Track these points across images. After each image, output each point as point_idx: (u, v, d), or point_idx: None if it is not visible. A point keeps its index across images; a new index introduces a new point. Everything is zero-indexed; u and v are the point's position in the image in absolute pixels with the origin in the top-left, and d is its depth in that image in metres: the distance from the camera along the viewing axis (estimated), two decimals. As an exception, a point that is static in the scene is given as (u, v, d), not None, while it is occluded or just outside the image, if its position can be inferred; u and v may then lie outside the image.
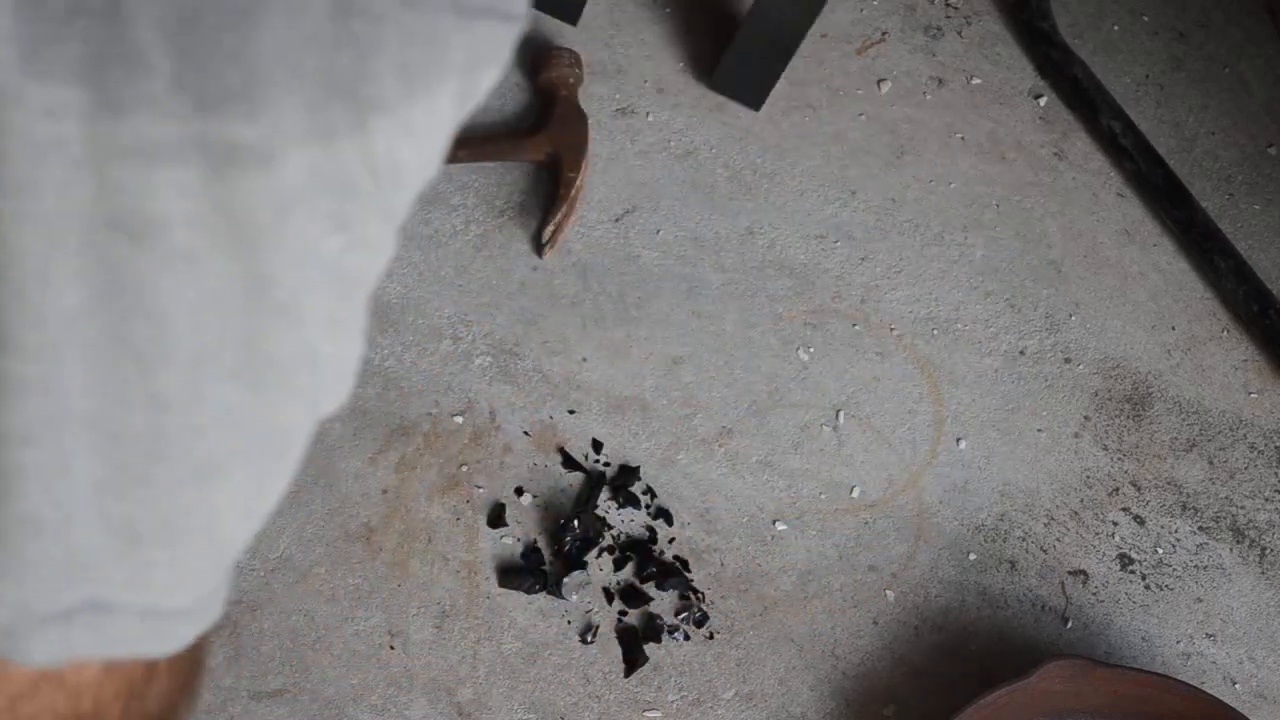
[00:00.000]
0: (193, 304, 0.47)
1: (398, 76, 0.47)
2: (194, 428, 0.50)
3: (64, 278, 0.46)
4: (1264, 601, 1.28)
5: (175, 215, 0.45)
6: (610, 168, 1.45)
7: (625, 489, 1.29)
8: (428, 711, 1.22)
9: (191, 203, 0.45)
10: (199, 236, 0.46)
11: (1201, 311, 1.40)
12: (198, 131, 0.44)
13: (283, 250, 0.47)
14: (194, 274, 0.46)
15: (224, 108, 0.44)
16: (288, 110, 0.45)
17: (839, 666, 1.24)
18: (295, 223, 0.47)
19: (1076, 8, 1.56)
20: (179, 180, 0.45)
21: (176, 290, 0.46)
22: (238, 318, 0.48)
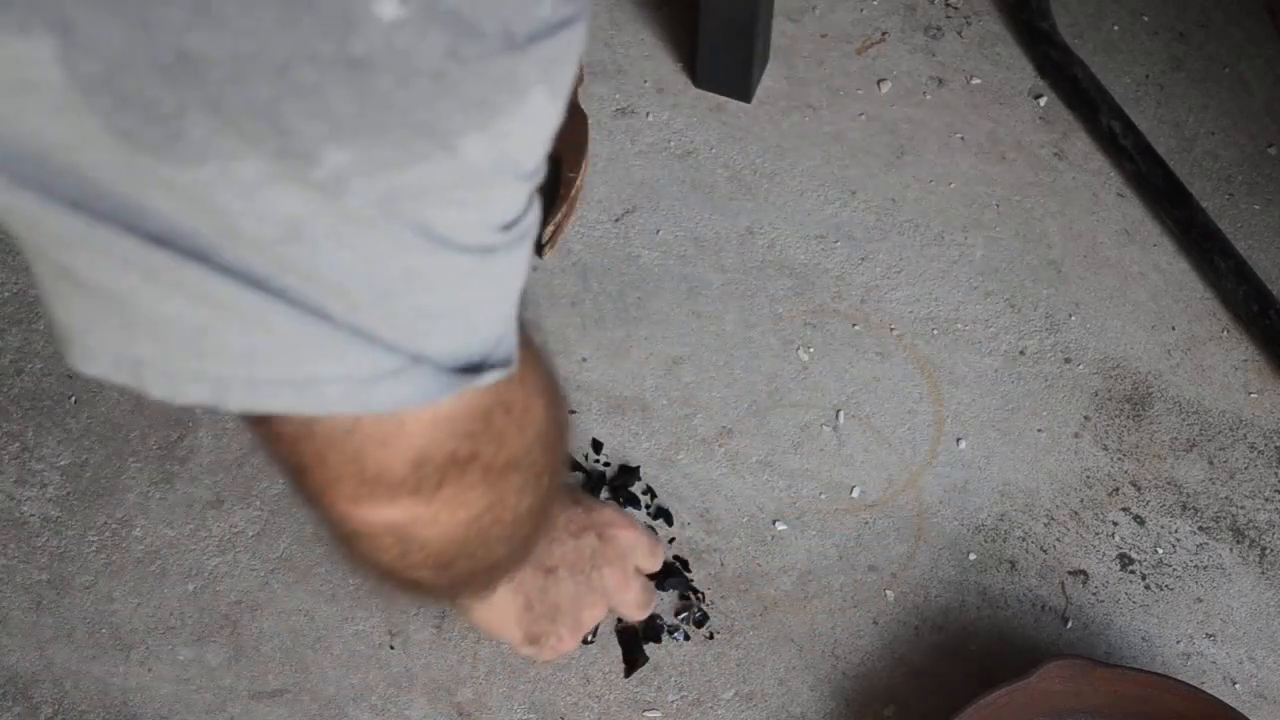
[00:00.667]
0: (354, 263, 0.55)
1: (474, 109, 0.53)
2: (404, 322, 0.58)
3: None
4: (1264, 601, 1.28)
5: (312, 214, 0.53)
6: (610, 168, 1.45)
7: (625, 489, 1.30)
8: (428, 711, 1.22)
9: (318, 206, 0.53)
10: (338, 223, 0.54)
11: (1201, 311, 1.40)
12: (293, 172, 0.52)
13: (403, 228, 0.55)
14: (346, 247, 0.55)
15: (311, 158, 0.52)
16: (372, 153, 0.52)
17: (839, 666, 1.24)
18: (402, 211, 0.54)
19: (1076, 8, 1.56)
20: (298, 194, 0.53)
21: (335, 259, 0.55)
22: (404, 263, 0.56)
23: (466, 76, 0.51)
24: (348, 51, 0.49)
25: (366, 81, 0.50)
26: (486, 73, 0.52)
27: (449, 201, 0.55)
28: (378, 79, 0.50)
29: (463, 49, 0.51)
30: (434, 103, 0.51)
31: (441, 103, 0.51)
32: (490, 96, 0.52)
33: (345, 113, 0.51)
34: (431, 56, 0.50)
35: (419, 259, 0.56)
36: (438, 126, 0.52)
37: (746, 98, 1.49)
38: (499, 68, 0.52)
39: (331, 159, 0.51)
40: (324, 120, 0.51)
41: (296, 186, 0.52)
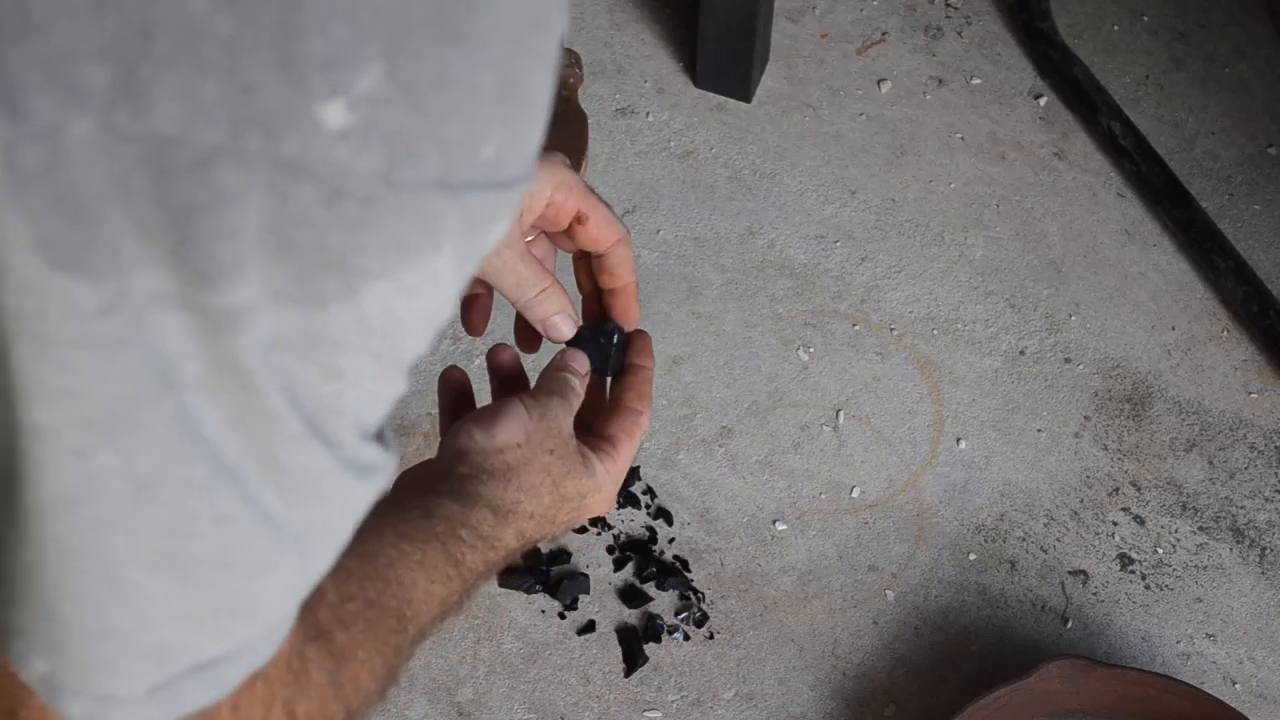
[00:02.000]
0: (220, 426, 0.50)
1: (390, 249, 0.49)
2: (248, 533, 0.53)
3: (95, 446, 0.50)
4: (1264, 601, 1.28)
5: (191, 351, 0.49)
6: (610, 168, 1.45)
7: (625, 489, 1.30)
8: (428, 711, 1.22)
9: (196, 345, 0.49)
10: (208, 373, 0.49)
11: (1201, 311, 1.40)
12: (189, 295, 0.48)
13: (278, 390, 0.50)
14: (213, 402, 0.50)
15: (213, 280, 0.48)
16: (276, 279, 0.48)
17: (839, 666, 1.24)
18: (284, 368, 0.50)
19: (1076, 8, 1.56)
20: (183, 325, 0.48)
21: (204, 415, 0.50)
22: (260, 440, 0.51)
23: (393, 209, 0.48)
24: (278, 151, 0.46)
25: (291, 191, 0.47)
26: (412, 209, 0.49)
27: (333, 369, 0.50)
28: (304, 191, 0.47)
29: (399, 174, 0.48)
30: (354, 232, 0.48)
31: (361, 234, 0.48)
32: (408, 239, 0.49)
33: (259, 227, 0.47)
34: (365, 177, 0.47)
35: (287, 443, 0.51)
36: (349, 263, 0.48)
37: (746, 98, 1.49)
38: (425, 206, 0.49)
39: (234, 287, 0.48)
40: (235, 236, 0.47)
41: (185, 313, 0.48)
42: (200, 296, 0.48)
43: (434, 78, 0.48)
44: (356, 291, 0.49)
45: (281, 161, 0.46)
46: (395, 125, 0.47)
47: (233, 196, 0.46)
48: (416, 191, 0.49)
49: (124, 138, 0.45)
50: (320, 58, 0.46)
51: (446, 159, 0.49)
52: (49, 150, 0.45)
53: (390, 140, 0.47)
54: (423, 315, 0.52)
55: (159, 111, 0.45)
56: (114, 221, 0.46)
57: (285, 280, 0.48)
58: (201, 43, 0.45)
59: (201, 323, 0.48)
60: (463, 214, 0.50)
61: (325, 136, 0.46)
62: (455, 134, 0.49)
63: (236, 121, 0.46)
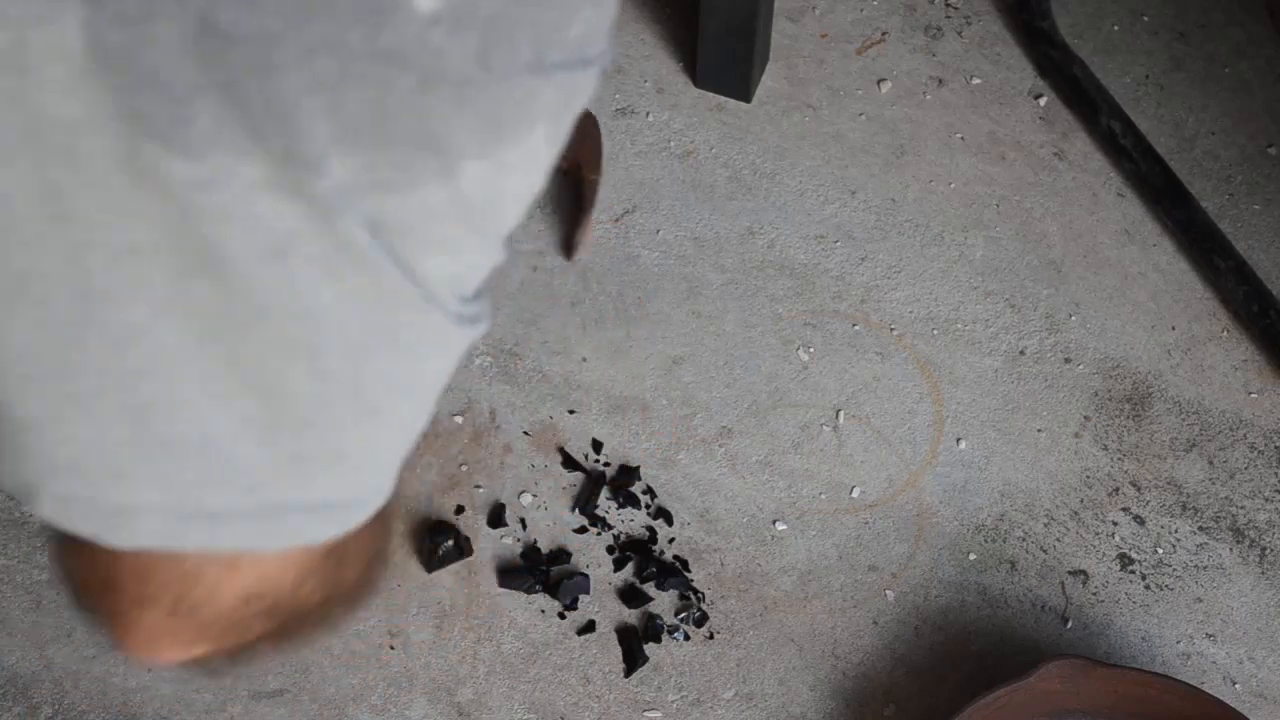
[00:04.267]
0: (337, 300, 0.51)
1: (485, 130, 0.50)
2: (355, 389, 0.54)
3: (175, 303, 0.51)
4: (1264, 601, 1.28)
5: (305, 232, 0.50)
6: (610, 168, 1.45)
7: (625, 489, 1.30)
8: (428, 711, 1.22)
9: (311, 226, 0.50)
10: (329, 250, 0.50)
11: (1201, 311, 1.40)
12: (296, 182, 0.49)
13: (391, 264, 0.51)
14: (332, 279, 0.51)
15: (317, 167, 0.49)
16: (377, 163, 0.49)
17: (839, 666, 1.24)
18: (393, 244, 0.51)
19: (1076, 8, 1.56)
20: (294, 207, 0.49)
21: (321, 290, 0.51)
22: (378, 308, 0.52)
23: (487, 90, 0.50)
24: (378, 43, 0.47)
25: (389, 80, 0.48)
26: (507, 91, 0.50)
27: (436, 242, 0.52)
28: (401, 78, 0.48)
29: (493, 58, 0.49)
30: (450, 114, 0.49)
31: (457, 116, 0.49)
32: (504, 118, 0.51)
33: (359, 115, 0.48)
34: (461, 61, 0.48)
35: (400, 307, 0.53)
36: (447, 143, 0.50)
37: (746, 98, 1.49)
38: (520, 88, 0.50)
39: (335, 171, 0.49)
40: (336, 121, 0.48)
41: (294, 198, 0.49)
42: (307, 183, 0.49)
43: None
44: (455, 171, 0.51)
45: (380, 52, 0.47)
46: (489, 10, 0.48)
47: (334, 87, 0.47)
48: (509, 75, 0.50)
49: (227, 37, 0.46)
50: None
51: (539, 41, 0.50)
52: (136, 37, 0.46)
53: (484, 25, 0.48)
54: (518, 190, 0.54)
55: (263, 8, 0.46)
56: (215, 109, 0.47)
57: (386, 163, 0.49)
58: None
59: (312, 207, 0.49)
60: (552, 94, 0.52)
61: (419, 21, 0.47)
62: (549, 17, 0.50)
63: (338, 17, 0.47)
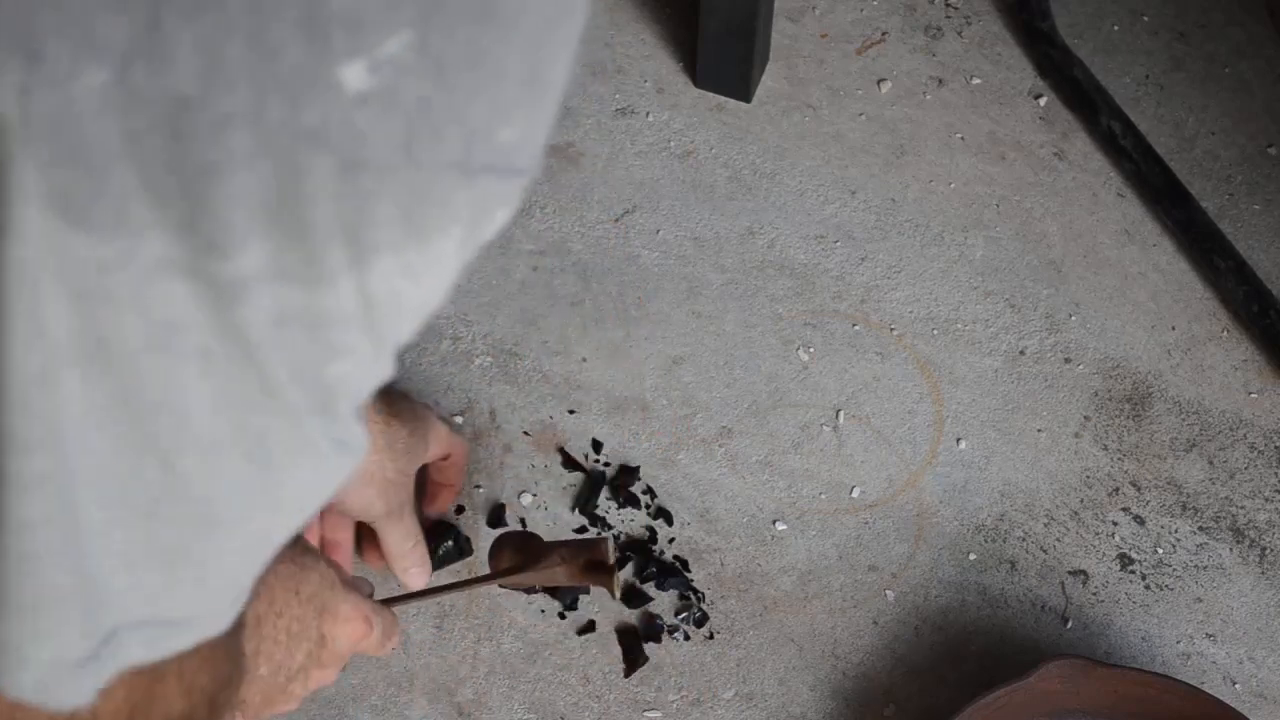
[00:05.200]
0: (209, 398, 0.49)
1: (401, 224, 0.48)
2: (209, 498, 0.52)
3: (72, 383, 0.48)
4: (1264, 601, 1.28)
5: (195, 320, 0.48)
6: (610, 168, 1.45)
7: (625, 489, 1.30)
8: (427, 711, 1.22)
9: (203, 315, 0.48)
10: (215, 341, 0.48)
11: (1201, 311, 1.40)
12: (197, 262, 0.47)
13: (282, 364, 0.49)
14: (209, 374, 0.49)
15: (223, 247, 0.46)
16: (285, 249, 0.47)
17: (839, 666, 1.24)
18: (289, 342, 0.49)
19: (1076, 8, 1.56)
20: (190, 292, 0.47)
21: (193, 386, 0.49)
22: (253, 412, 0.50)
23: (409, 181, 0.47)
24: (299, 120, 0.45)
25: (308, 159, 0.45)
26: (429, 185, 0.48)
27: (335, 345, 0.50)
28: (321, 159, 0.46)
29: (418, 147, 0.47)
30: (367, 204, 0.47)
31: (375, 206, 0.47)
32: (422, 213, 0.48)
33: (273, 195, 0.46)
34: (385, 147, 0.46)
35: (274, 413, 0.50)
36: (360, 236, 0.47)
37: (746, 98, 1.49)
38: (442, 184, 0.48)
39: (243, 256, 0.46)
40: (247, 199, 0.45)
41: (191, 280, 0.47)
42: (209, 265, 0.47)
43: (464, 54, 0.46)
44: (364, 265, 0.48)
45: (301, 130, 0.45)
46: (419, 96, 0.46)
47: (248, 163, 0.45)
48: (434, 169, 0.48)
49: (140, 95, 0.44)
50: (345, 16, 0.44)
51: (467, 139, 0.48)
52: (63, 99, 0.44)
53: (413, 112, 0.46)
54: (421, 299, 0.51)
55: (179, 70, 0.44)
56: (124, 179, 0.45)
57: (294, 250, 0.47)
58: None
59: (209, 292, 0.47)
60: (474, 197, 0.49)
61: (345, 100, 0.45)
62: (479, 114, 0.48)
63: (258, 86, 0.44)
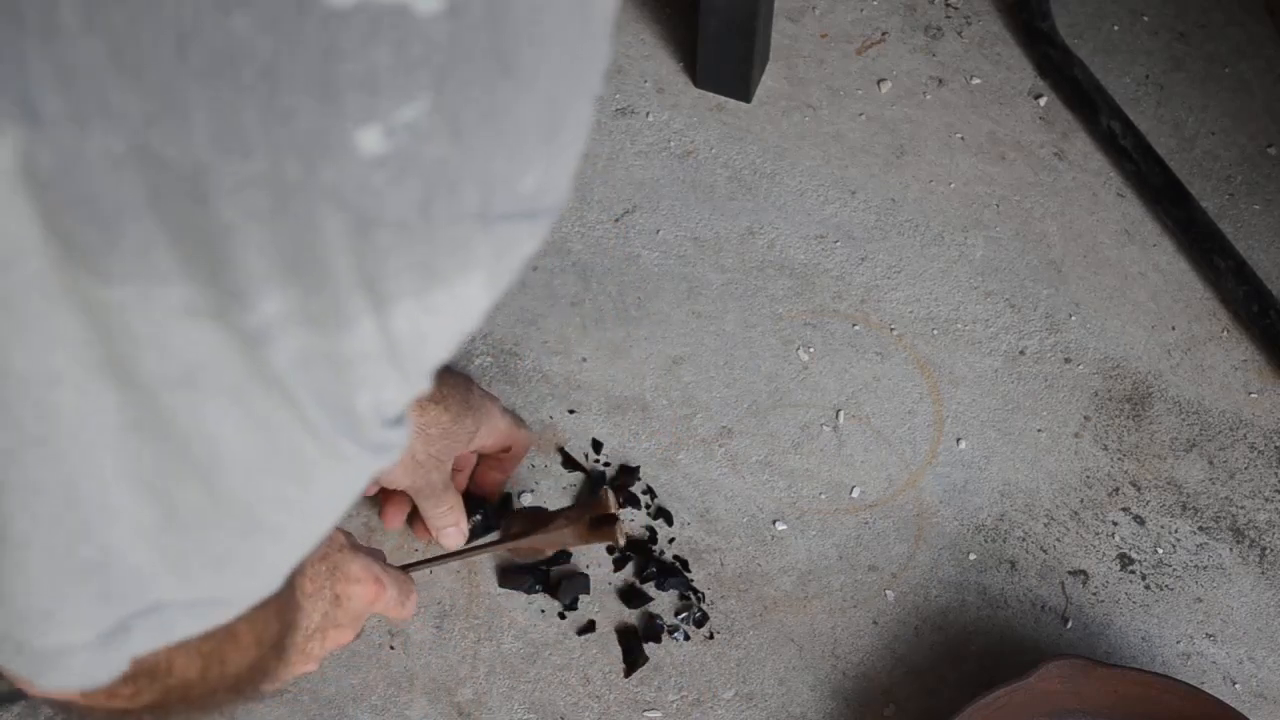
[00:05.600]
0: (240, 428, 0.51)
1: (419, 275, 0.48)
2: (250, 509, 0.54)
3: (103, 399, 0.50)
4: (1264, 601, 1.28)
5: (222, 361, 0.49)
6: (610, 168, 1.45)
7: (625, 489, 1.30)
8: (428, 711, 1.22)
9: (232, 356, 0.49)
10: (244, 379, 0.49)
11: (1201, 311, 1.40)
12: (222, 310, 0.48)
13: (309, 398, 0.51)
14: (241, 408, 0.50)
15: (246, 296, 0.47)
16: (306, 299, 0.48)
17: (839, 666, 1.24)
18: (315, 380, 0.50)
19: (1076, 8, 1.56)
20: (215, 336, 0.48)
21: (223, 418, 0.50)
22: (283, 438, 0.51)
23: (426, 237, 0.47)
24: (316, 180, 0.45)
25: (326, 219, 0.46)
26: (446, 238, 0.48)
27: (361, 379, 0.50)
28: (337, 217, 0.46)
29: (434, 207, 0.47)
30: (385, 257, 0.47)
31: (391, 259, 0.47)
32: (440, 265, 0.48)
33: (291, 250, 0.46)
34: (400, 207, 0.46)
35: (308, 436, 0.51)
36: (378, 285, 0.48)
37: (746, 98, 1.49)
38: (460, 237, 0.48)
39: (265, 304, 0.47)
40: (267, 254, 0.46)
41: (217, 327, 0.48)
42: (233, 313, 0.47)
43: (481, 112, 0.46)
44: (384, 311, 0.49)
45: (317, 189, 0.45)
46: (435, 158, 0.46)
47: (267, 219, 0.46)
48: (451, 223, 0.48)
49: (159, 160, 0.45)
50: (360, 81, 0.44)
51: (486, 192, 0.48)
52: (71, 157, 0.44)
53: (429, 173, 0.46)
54: (449, 331, 0.52)
55: (196, 137, 0.44)
56: (145, 232, 0.46)
57: (315, 299, 0.47)
58: (241, 66, 0.44)
59: (234, 337, 0.48)
60: (495, 242, 0.49)
61: (361, 163, 0.45)
62: (497, 169, 0.48)
63: (274, 149, 0.45)
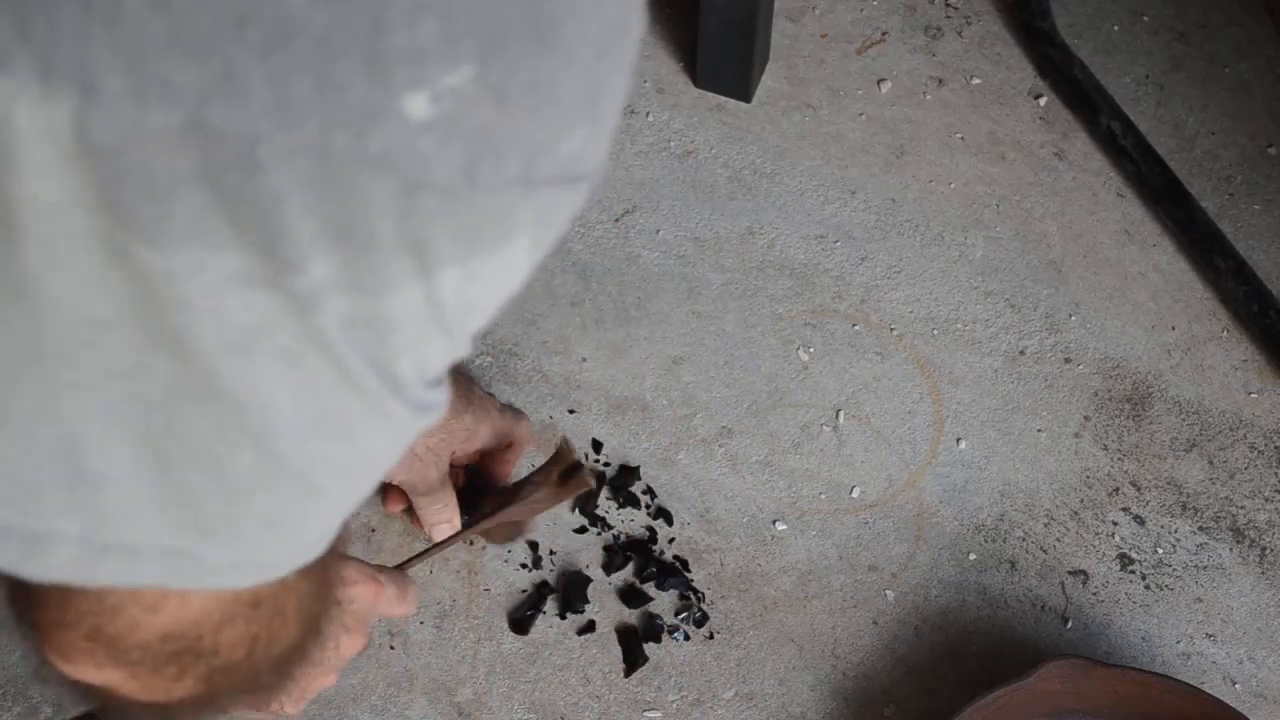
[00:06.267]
0: (292, 391, 0.52)
1: (464, 239, 0.50)
2: (299, 471, 0.55)
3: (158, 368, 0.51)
4: (1264, 601, 1.28)
5: (275, 325, 0.50)
6: (610, 168, 1.45)
7: (625, 489, 1.30)
8: (428, 711, 1.22)
9: (286, 320, 0.50)
10: (296, 341, 0.50)
11: (1201, 311, 1.40)
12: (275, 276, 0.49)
13: (356, 359, 0.51)
14: (293, 370, 0.51)
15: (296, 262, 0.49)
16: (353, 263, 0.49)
17: (839, 666, 1.24)
18: (361, 341, 0.51)
19: (1076, 8, 1.56)
20: (270, 301, 0.49)
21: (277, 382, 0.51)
22: (332, 399, 0.52)
23: (470, 201, 0.49)
24: (365, 148, 0.47)
25: (373, 183, 0.47)
26: (490, 203, 0.49)
27: (407, 341, 0.52)
28: (385, 182, 0.47)
29: (479, 170, 0.48)
30: (430, 221, 0.49)
31: (437, 223, 0.49)
32: (483, 228, 0.50)
33: (340, 216, 0.48)
34: (446, 171, 0.48)
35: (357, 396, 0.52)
36: (424, 250, 0.49)
37: (746, 98, 1.49)
38: (504, 201, 0.50)
39: (315, 268, 0.48)
40: (317, 220, 0.47)
41: (271, 292, 0.49)
42: (284, 278, 0.49)
43: (523, 82, 0.48)
44: (429, 275, 0.50)
45: (366, 156, 0.47)
46: (480, 124, 0.48)
47: (316, 187, 0.47)
48: (495, 188, 0.49)
49: (215, 133, 0.46)
50: (407, 51, 0.46)
51: (528, 157, 0.50)
52: (125, 131, 0.46)
53: (473, 138, 0.48)
54: (493, 296, 0.53)
55: (252, 109, 0.46)
56: (196, 204, 0.47)
57: (362, 263, 0.49)
58: (295, 39, 0.45)
59: (287, 301, 0.49)
60: (537, 207, 0.51)
61: (409, 128, 0.47)
62: (539, 135, 0.50)
63: (326, 120, 0.46)
